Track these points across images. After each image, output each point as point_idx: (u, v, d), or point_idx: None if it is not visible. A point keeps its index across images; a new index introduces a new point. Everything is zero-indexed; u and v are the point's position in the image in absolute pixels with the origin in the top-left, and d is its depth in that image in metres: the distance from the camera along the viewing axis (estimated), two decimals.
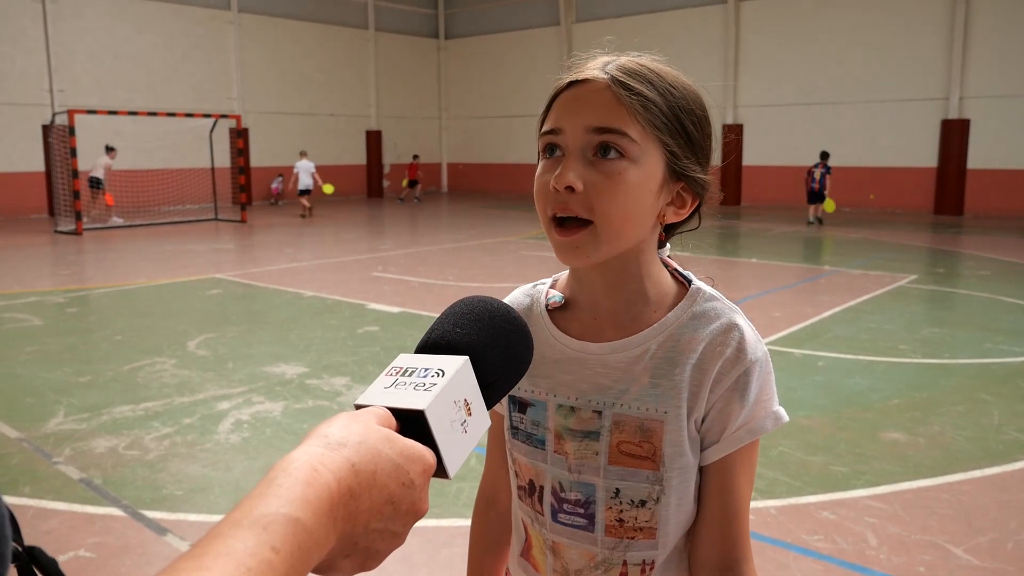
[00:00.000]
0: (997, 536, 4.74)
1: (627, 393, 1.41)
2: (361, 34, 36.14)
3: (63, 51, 26.47)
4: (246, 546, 0.72)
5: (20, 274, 14.55)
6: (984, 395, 7.42)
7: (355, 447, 0.87)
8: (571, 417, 1.46)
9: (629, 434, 1.41)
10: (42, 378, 7.96)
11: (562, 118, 1.36)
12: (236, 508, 0.77)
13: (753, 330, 1.43)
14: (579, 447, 1.45)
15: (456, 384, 1.01)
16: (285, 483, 0.79)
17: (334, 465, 0.83)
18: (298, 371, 8.21)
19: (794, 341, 9.34)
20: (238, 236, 21.23)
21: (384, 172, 37.36)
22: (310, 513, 0.78)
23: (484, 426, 1.04)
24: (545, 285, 1.61)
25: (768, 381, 1.42)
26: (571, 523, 1.48)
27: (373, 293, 12.54)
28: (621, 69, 1.34)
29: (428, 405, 0.96)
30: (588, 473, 1.44)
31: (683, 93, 1.37)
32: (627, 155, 1.31)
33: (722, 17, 30.11)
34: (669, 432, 1.38)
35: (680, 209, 1.42)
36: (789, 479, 5.55)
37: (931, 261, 16.33)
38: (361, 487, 0.85)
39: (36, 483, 5.53)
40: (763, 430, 1.40)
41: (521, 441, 1.54)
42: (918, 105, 26.57)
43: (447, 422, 0.98)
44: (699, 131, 1.39)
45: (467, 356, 1.05)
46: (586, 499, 1.45)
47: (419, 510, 0.92)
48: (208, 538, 0.73)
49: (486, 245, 18.86)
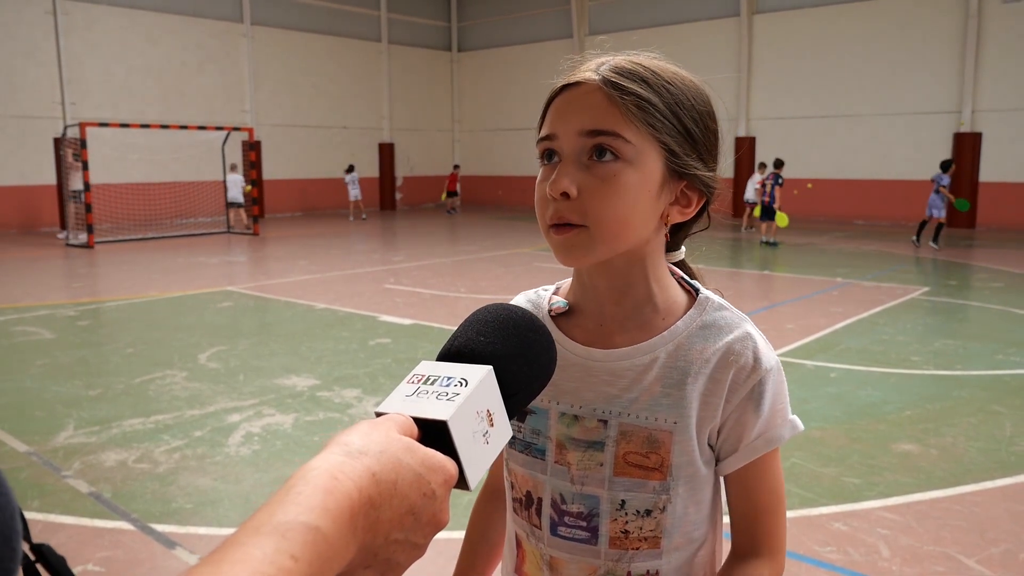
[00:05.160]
0: (1009, 547, 4.71)
1: (636, 403, 1.38)
2: (374, 47, 36.23)
3: (75, 64, 26.57)
4: (264, 553, 0.71)
5: (31, 287, 14.60)
6: (996, 407, 7.38)
7: (376, 456, 0.85)
8: (574, 426, 1.42)
9: (636, 445, 1.38)
10: (52, 391, 7.98)
11: (556, 123, 1.34)
12: (255, 515, 0.76)
13: (764, 339, 1.42)
14: (583, 458, 1.41)
15: (479, 394, 0.99)
16: (305, 491, 0.78)
17: (355, 474, 0.82)
18: (309, 383, 8.20)
19: (807, 352, 9.31)
20: (250, 248, 21.30)
21: (397, 185, 37.38)
22: (330, 522, 0.77)
23: (506, 437, 1.03)
24: (548, 291, 1.58)
25: (782, 390, 1.40)
26: (572, 536, 1.44)
27: (385, 305, 12.54)
28: (614, 69, 1.32)
29: (451, 416, 0.94)
30: (592, 485, 1.41)
31: (681, 89, 1.34)
32: (622, 157, 1.28)
33: (735, 30, 30.09)
34: (678, 443, 1.36)
35: (685, 208, 1.39)
36: (801, 490, 5.52)
37: (944, 273, 16.26)
38: (382, 497, 0.84)
39: (45, 497, 5.52)
40: (781, 439, 1.38)
41: (519, 451, 1.50)
42: (930, 118, 26.50)
43: (469, 433, 0.96)
44: (700, 127, 1.36)
45: (491, 366, 1.03)
46: (589, 511, 1.42)
47: (440, 521, 0.91)
48: (226, 545, 0.73)
49: (498, 257, 18.87)
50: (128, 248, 21.29)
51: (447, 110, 40.58)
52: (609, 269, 1.40)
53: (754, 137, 30.07)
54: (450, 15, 39.89)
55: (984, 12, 25.16)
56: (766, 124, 29.90)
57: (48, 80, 26.07)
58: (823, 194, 28.32)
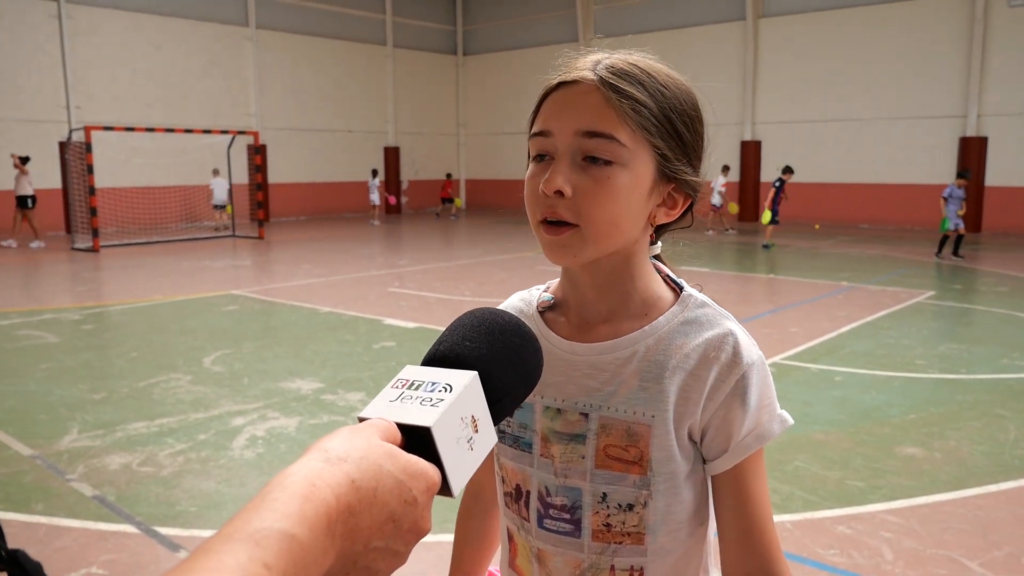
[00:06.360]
0: (1013, 550, 4.70)
1: (614, 396, 1.39)
2: (379, 50, 36.26)
3: (80, 67, 26.60)
4: (237, 561, 0.70)
5: (36, 291, 14.64)
6: (1001, 410, 7.37)
7: (356, 462, 0.84)
8: (558, 419, 1.44)
9: (616, 438, 1.38)
10: (56, 395, 7.99)
11: (551, 120, 1.34)
12: (230, 522, 0.75)
13: (747, 334, 1.41)
14: (565, 450, 1.42)
15: (464, 400, 0.98)
16: (281, 497, 0.77)
17: (333, 480, 0.81)
18: (313, 387, 8.21)
19: (811, 356, 9.30)
20: (255, 252, 21.33)
21: (402, 188, 37.37)
22: (306, 529, 0.76)
23: (490, 443, 1.01)
24: (540, 289, 1.59)
25: (767, 384, 1.40)
26: (557, 529, 1.45)
27: (390, 308, 12.55)
28: (611, 70, 1.32)
29: (435, 422, 0.93)
30: (574, 477, 1.42)
31: (675, 93, 1.35)
32: (617, 159, 1.29)
33: (741, 34, 30.08)
34: (656, 437, 1.36)
35: (671, 210, 1.40)
36: (805, 493, 5.52)
37: (949, 277, 16.23)
38: (361, 504, 0.82)
39: (49, 500, 5.54)
40: (771, 434, 1.38)
41: (508, 445, 1.51)
42: (936, 122, 26.48)
43: (453, 439, 0.95)
44: (690, 132, 1.37)
45: (476, 371, 1.02)
46: (572, 504, 1.43)
47: (422, 529, 0.90)
48: (199, 553, 0.71)
49: (503, 261, 18.87)
50: (133, 252, 21.33)
51: (452, 114, 40.60)
52: (595, 267, 1.40)
53: (760, 141, 30.06)
54: (455, 19, 39.92)
55: (990, 16, 25.13)
56: (772, 128, 29.87)
57: (53, 84, 26.11)
58: (828, 198, 28.30)
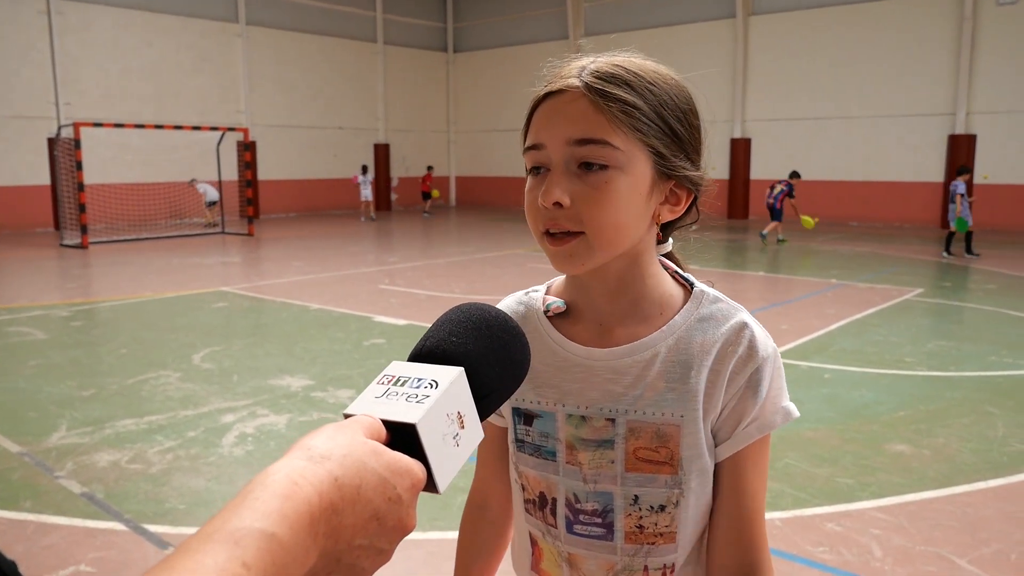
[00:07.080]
0: (1001, 547, 4.72)
1: (641, 399, 1.39)
2: (370, 47, 36.20)
3: (70, 64, 26.50)
4: (216, 561, 0.69)
5: (25, 288, 14.58)
6: (989, 408, 7.39)
7: (339, 460, 0.83)
8: (583, 427, 1.43)
9: (646, 440, 1.38)
10: (45, 392, 7.96)
11: (542, 132, 1.33)
12: (210, 521, 0.74)
13: (762, 328, 1.43)
14: (593, 457, 1.42)
15: (450, 396, 0.97)
16: (262, 496, 0.76)
17: (316, 479, 0.80)
18: (303, 384, 8.20)
19: (801, 353, 9.32)
20: (245, 249, 21.27)
21: (392, 185, 37.34)
22: (287, 528, 0.75)
23: (477, 439, 1.00)
24: (539, 292, 1.57)
25: (779, 376, 1.42)
26: (588, 533, 1.45)
27: (380, 306, 12.53)
28: (596, 74, 1.30)
29: (420, 419, 0.92)
30: (605, 482, 1.42)
31: (665, 89, 1.34)
32: (612, 164, 1.28)
33: (731, 31, 30.12)
34: (686, 435, 1.37)
35: (675, 206, 1.39)
36: (794, 491, 5.53)
37: (938, 275, 16.28)
38: (344, 502, 0.82)
39: (37, 498, 5.52)
40: (772, 425, 1.40)
41: (528, 454, 1.50)
42: (925, 120, 26.55)
43: (439, 436, 0.94)
44: (685, 126, 1.36)
45: (462, 367, 1.01)
46: (603, 508, 1.43)
47: (406, 526, 0.89)
48: (178, 552, 0.70)
49: (493, 258, 18.88)
50: (122, 248, 21.25)
51: (442, 111, 40.55)
52: (604, 271, 1.40)
53: (750, 139, 30.11)
54: (446, 16, 39.86)
55: (979, 14, 25.21)
56: (762, 126, 29.93)
57: (42, 80, 26.01)
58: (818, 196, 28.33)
